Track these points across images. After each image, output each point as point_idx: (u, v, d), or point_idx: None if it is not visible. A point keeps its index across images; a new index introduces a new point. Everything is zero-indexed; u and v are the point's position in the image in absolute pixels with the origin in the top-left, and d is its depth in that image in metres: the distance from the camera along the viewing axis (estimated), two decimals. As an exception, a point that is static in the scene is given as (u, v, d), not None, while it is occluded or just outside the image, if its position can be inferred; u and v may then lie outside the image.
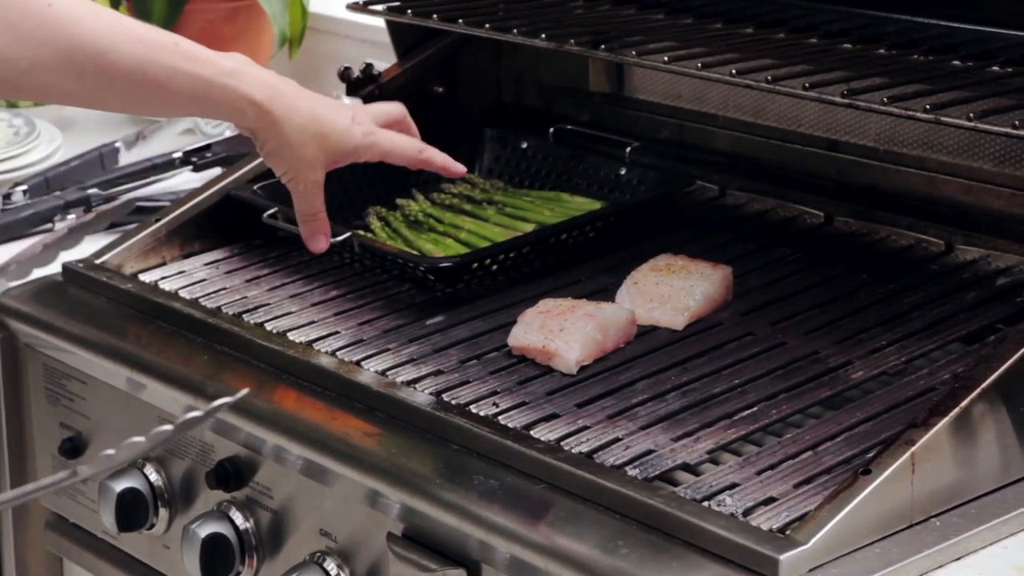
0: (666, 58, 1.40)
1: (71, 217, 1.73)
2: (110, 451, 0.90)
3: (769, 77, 1.33)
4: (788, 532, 1.06)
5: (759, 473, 1.14)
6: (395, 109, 1.43)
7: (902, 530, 1.09)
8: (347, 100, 1.46)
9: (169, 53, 1.26)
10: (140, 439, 0.90)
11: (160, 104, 1.29)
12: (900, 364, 1.28)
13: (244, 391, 0.98)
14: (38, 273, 1.22)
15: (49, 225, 1.74)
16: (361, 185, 1.67)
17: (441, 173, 1.45)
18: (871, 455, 1.11)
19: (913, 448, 1.09)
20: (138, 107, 1.34)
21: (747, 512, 1.09)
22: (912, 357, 1.29)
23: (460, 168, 1.43)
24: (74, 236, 1.12)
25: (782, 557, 1.03)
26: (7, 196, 1.79)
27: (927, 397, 1.22)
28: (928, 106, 1.24)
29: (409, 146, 1.39)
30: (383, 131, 1.40)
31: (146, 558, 1.46)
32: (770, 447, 1.17)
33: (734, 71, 1.34)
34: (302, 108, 1.32)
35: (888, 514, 1.08)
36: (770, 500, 1.10)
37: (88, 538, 1.52)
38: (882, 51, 1.43)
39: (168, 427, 0.90)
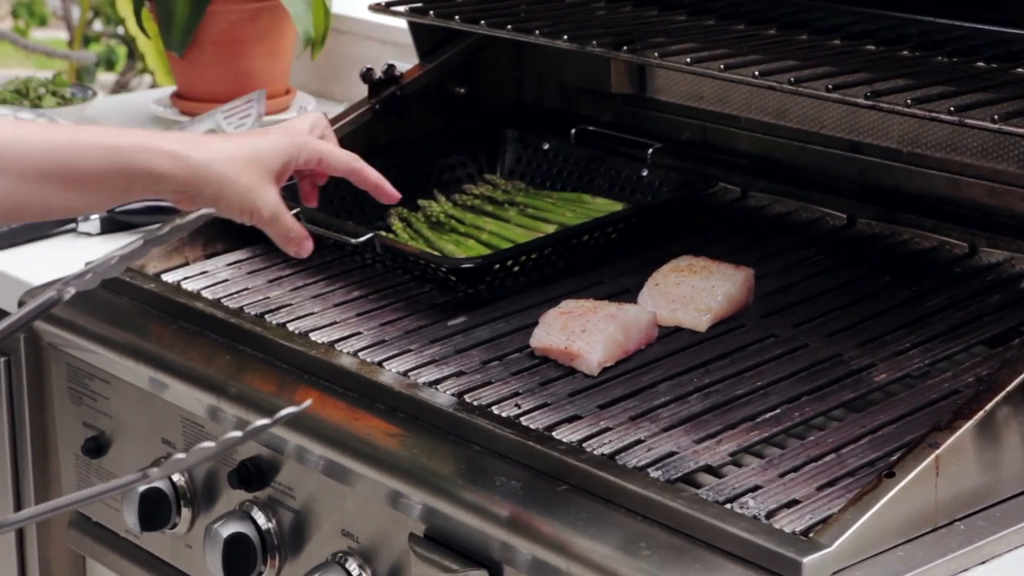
0: (688, 59, 1.40)
1: (94, 217, 1.74)
2: (180, 455, 0.94)
3: (792, 79, 1.32)
4: (811, 535, 1.05)
5: (782, 475, 1.14)
6: (320, 119, 1.37)
7: (926, 533, 1.09)
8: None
9: (72, 132, 1.23)
10: (210, 444, 0.94)
11: (68, 184, 1.22)
12: (924, 367, 1.28)
13: (308, 402, 1.01)
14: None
15: (72, 225, 1.75)
16: (383, 186, 1.67)
17: (371, 193, 1.37)
18: (895, 458, 1.11)
19: (937, 451, 1.08)
20: (49, 195, 1.23)
21: (770, 514, 1.09)
22: (936, 360, 1.29)
23: (393, 193, 1.37)
24: (145, 249, 1.14)
25: (805, 560, 1.03)
26: (30, 196, 1.79)
27: (951, 400, 1.21)
28: (952, 108, 1.24)
29: (344, 153, 1.35)
30: (313, 137, 1.34)
31: (168, 557, 1.46)
32: (793, 449, 1.17)
33: (757, 72, 1.34)
34: (219, 145, 1.27)
35: (912, 517, 1.08)
36: (793, 502, 1.10)
37: (111, 537, 1.53)
38: (905, 53, 1.43)
39: (237, 434, 0.95)
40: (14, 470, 1.68)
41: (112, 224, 1.74)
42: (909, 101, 1.26)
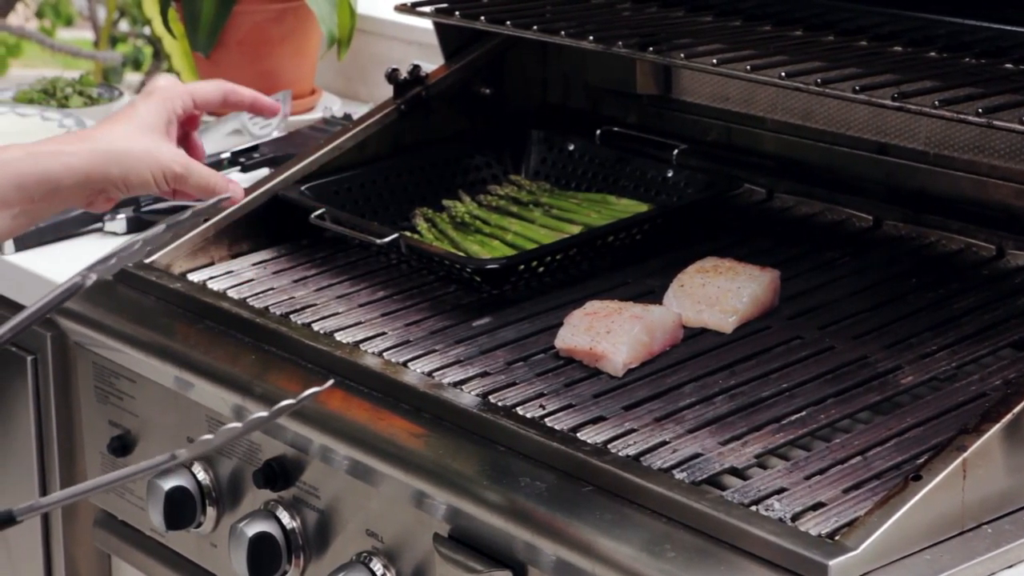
0: (715, 60, 1.39)
1: (121, 216, 1.74)
2: (208, 436, 0.95)
3: (819, 80, 1.32)
4: (837, 537, 1.05)
5: (808, 478, 1.13)
6: (171, 79, 1.35)
7: (953, 537, 1.08)
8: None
9: None
10: (236, 424, 0.95)
11: None
12: (951, 369, 1.27)
13: (330, 382, 1.04)
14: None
15: (99, 225, 1.75)
16: (408, 187, 1.67)
17: (251, 111, 1.38)
18: (921, 461, 1.10)
19: (964, 454, 1.08)
20: None
21: (795, 517, 1.08)
22: (963, 362, 1.28)
23: (272, 104, 1.36)
24: (166, 233, 1.15)
25: (831, 563, 1.03)
26: (57, 196, 1.80)
27: (978, 403, 1.21)
28: (980, 109, 1.23)
29: (207, 83, 1.35)
30: (174, 84, 1.34)
31: (193, 556, 1.47)
32: (819, 452, 1.17)
33: (783, 74, 1.34)
34: (97, 131, 1.27)
35: (939, 520, 1.07)
36: (819, 505, 1.10)
37: (136, 536, 1.53)
38: (933, 54, 1.42)
39: (263, 414, 0.95)
40: (40, 468, 1.69)
41: (138, 223, 1.75)
42: (937, 103, 1.25)
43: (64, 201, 1.27)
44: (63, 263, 1.67)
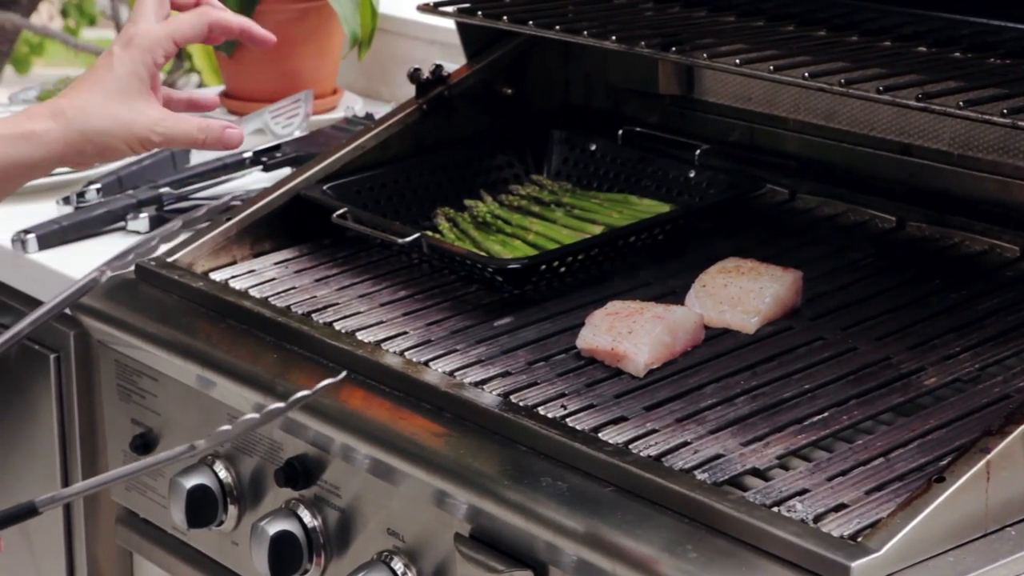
0: (738, 60, 1.39)
1: (143, 216, 1.75)
2: (226, 427, 0.95)
3: (842, 80, 1.31)
4: (860, 539, 1.05)
5: (830, 479, 1.13)
6: (145, 3, 1.27)
7: (976, 539, 1.08)
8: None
9: None
10: (254, 415, 0.96)
11: None
12: (974, 371, 1.27)
13: (343, 373, 1.04)
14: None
15: (121, 224, 1.76)
16: (429, 186, 1.67)
17: (242, 36, 1.28)
18: (945, 462, 1.10)
19: (988, 456, 1.07)
20: None
21: (818, 518, 1.08)
22: (986, 364, 1.28)
23: (267, 36, 1.28)
24: (183, 229, 1.16)
25: (854, 564, 1.02)
26: (81, 195, 1.81)
27: (1002, 405, 1.20)
28: (1005, 110, 1.23)
29: (188, 18, 1.26)
30: (154, 26, 1.25)
31: (215, 554, 1.47)
32: (841, 453, 1.16)
33: (807, 74, 1.33)
34: (72, 100, 1.21)
35: (962, 522, 1.07)
36: (841, 506, 1.09)
37: (158, 533, 1.54)
38: (957, 54, 1.42)
39: (280, 404, 0.96)
40: (63, 466, 1.69)
41: (161, 223, 1.75)
42: (961, 103, 1.25)
43: (35, 177, 1.24)
44: (85, 262, 1.67)
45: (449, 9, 1.66)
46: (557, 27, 1.54)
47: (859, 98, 1.34)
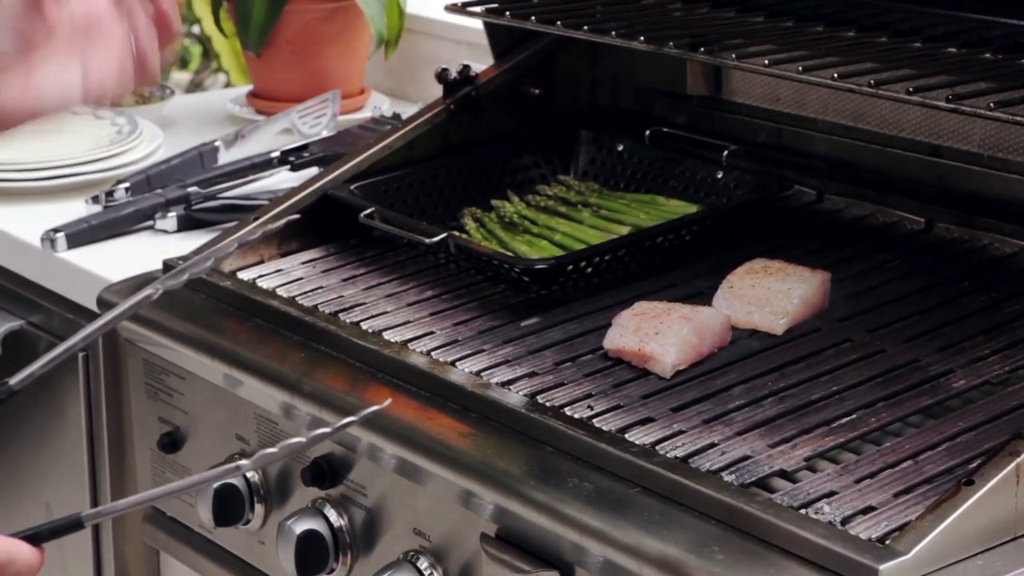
0: (766, 61, 1.38)
1: (171, 215, 1.75)
2: (273, 449, 0.98)
3: (872, 81, 1.31)
4: (888, 542, 1.04)
5: (858, 481, 1.12)
6: None
7: (1006, 543, 1.07)
8: None
9: None
10: (300, 439, 0.99)
11: None
12: (1003, 373, 1.26)
13: (388, 401, 1.06)
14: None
15: (150, 222, 1.77)
16: (456, 186, 1.68)
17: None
18: (974, 465, 1.09)
19: (1018, 459, 1.07)
20: None
21: (845, 520, 1.07)
22: (1016, 367, 1.27)
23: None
24: (237, 250, 1.16)
25: (882, 567, 1.02)
26: (110, 194, 1.82)
27: (1031, 407, 1.20)
28: (1036, 111, 1.22)
29: None
30: None
31: (241, 553, 1.47)
32: (869, 455, 1.16)
33: (836, 75, 1.33)
34: None
35: (991, 526, 1.06)
36: (869, 509, 1.09)
37: (185, 532, 1.54)
38: (987, 55, 1.41)
39: (326, 429, 0.99)
40: (91, 464, 1.70)
41: (189, 222, 1.76)
42: (992, 104, 1.24)
43: None
44: (114, 260, 1.68)
45: (477, 9, 1.66)
46: (585, 27, 1.54)
47: (889, 99, 1.34)
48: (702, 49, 1.45)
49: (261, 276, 1.53)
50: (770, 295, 1.37)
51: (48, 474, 1.76)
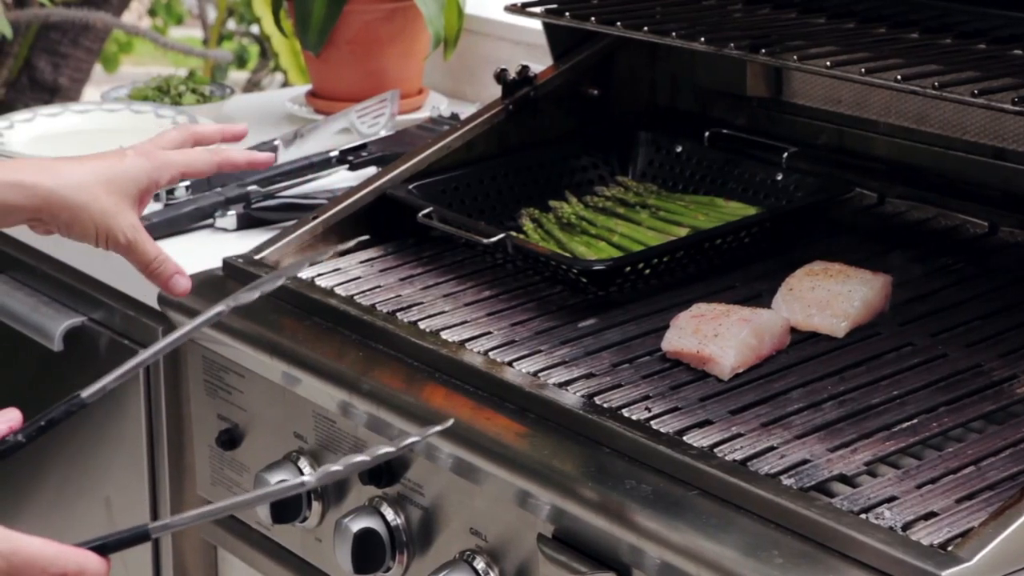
0: (828, 63, 1.37)
1: (231, 213, 1.77)
2: (336, 467, 1.01)
3: (936, 83, 1.30)
4: (950, 548, 1.03)
5: (919, 487, 1.11)
6: (169, 131, 1.35)
7: (1070, 551, 1.06)
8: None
9: None
10: (365, 458, 1.02)
11: None
12: (1068, 379, 1.25)
13: (450, 421, 1.09)
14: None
15: (209, 220, 1.78)
16: (514, 187, 1.68)
17: (248, 168, 1.38)
18: (1038, 472, 1.08)
19: (1083, 466, 1.05)
20: None
21: (906, 526, 1.06)
22: (1081, 373, 1.25)
23: (265, 158, 1.36)
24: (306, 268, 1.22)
25: (944, 573, 1.01)
26: (170, 192, 1.83)
27: (1097, 414, 1.18)
28: (1103, 114, 1.20)
29: (201, 155, 1.34)
30: (171, 151, 1.34)
31: (298, 550, 1.48)
32: (930, 460, 1.15)
33: (899, 77, 1.32)
34: (70, 170, 1.27)
35: (1055, 534, 1.05)
36: (931, 515, 1.08)
37: (242, 528, 1.55)
38: (1053, 57, 1.39)
39: (390, 448, 1.02)
40: (150, 460, 1.71)
41: (248, 220, 1.77)
42: (1058, 107, 1.23)
43: (3, 226, 1.29)
44: (174, 258, 1.69)
45: (537, 10, 1.66)
46: (645, 28, 1.54)
47: (954, 101, 1.32)
48: (763, 50, 1.44)
49: (320, 275, 1.53)
50: (830, 298, 1.36)
51: (108, 470, 1.77)
